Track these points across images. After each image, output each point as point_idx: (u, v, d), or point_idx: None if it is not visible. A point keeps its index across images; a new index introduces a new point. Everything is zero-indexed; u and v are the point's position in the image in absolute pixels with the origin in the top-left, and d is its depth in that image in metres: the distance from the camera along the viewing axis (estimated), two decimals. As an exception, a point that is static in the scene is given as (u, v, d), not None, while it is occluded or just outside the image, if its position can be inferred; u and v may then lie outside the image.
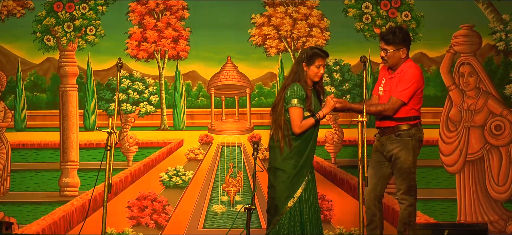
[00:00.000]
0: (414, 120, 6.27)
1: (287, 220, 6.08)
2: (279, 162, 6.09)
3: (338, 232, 7.74)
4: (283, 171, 6.08)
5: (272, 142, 6.18)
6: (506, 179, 7.81)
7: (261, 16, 7.96)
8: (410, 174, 6.23)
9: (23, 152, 7.92)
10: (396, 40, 6.26)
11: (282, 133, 6.09)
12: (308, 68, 6.16)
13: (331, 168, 7.84)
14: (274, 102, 6.26)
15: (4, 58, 7.99)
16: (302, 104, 6.10)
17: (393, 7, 7.93)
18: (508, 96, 7.88)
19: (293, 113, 6.09)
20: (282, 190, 6.07)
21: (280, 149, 6.09)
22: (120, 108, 7.90)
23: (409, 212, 6.27)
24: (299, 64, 6.19)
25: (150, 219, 7.79)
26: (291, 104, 6.08)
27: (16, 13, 7.97)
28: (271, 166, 6.18)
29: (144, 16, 7.96)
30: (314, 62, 6.17)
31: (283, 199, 6.08)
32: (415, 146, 6.26)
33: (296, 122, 6.08)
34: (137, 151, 7.92)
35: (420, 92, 6.30)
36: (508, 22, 7.90)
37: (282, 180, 6.08)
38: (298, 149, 6.11)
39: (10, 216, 7.81)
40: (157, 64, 7.96)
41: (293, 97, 6.08)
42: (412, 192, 6.26)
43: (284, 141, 6.07)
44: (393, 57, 6.30)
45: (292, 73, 6.23)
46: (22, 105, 7.91)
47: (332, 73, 7.89)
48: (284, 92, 6.14)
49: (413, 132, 6.24)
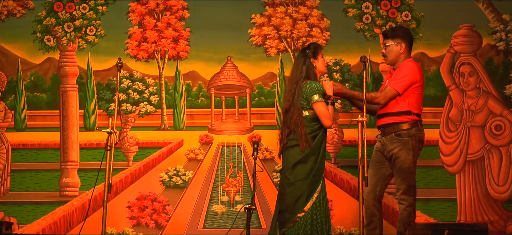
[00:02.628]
0: (412, 116, 6.25)
1: (309, 219, 6.05)
2: (300, 160, 6.07)
3: (338, 232, 7.74)
4: (304, 168, 6.06)
5: (291, 142, 6.12)
6: (506, 179, 7.81)
7: (261, 16, 7.96)
8: (410, 174, 6.22)
9: (23, 152, 7.92)
10: (395, 34, 6.36)
11: (303, 130, 6.09)
12: (317, 61, 6.24)
13: (331, 168, 7.84)
14: (286, 105, 6.20)
15: (4, 58, 7.99)
16: (324, 98, 6.12)
17: (393, 7, 7.93)
18: (508, 96, 7.88)
19: (320, 108, 6.08)
20: (304, 186, 6.03)
21: (300, 147, 6.07)
22: (120, 108, 7.90)
23: (409, 212, 6.26)
24: (305, 61, 6.21)
25: (150, 219, 7.80)
26: (314, 100, 6.08)
27: (16, 13, 7.97)
28: (290, 165, 6.10)
29: (144, 16, 7.96)
30: (319, 54, 6.27)
31: (305, 197, 6.05)
32: (415, 146, 6.26)
33: (326, 114, 6.08)
34: (137, 151, 7.92)
35: (418, 89, 6.29)
36: (508, 22, 7.90)
37: (304, 177, 6.04)
38: (316, 146, 6.11)
39: (10, 216, 7.81)
40: (157, 64, 7.96)
41: (314, 93, 6.09)
42: (411, 192, 6.26)
43: (305, 139, 6.06)
44: (391, 52, 6.36)
45: (299, 72, 6.22)
46: (22, 106, 7.92)
47: (332, 73, 7.89)
48: (298, 92, 6.13)
49: (413, 131, 6.24)
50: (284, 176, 6.16)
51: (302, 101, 6.11)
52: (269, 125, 7.89)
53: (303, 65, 6.22)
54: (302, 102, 6.11)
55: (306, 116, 6.12)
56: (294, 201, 6.06)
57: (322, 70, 6.31)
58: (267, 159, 7.89)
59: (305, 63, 6.21)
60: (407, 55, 6.36)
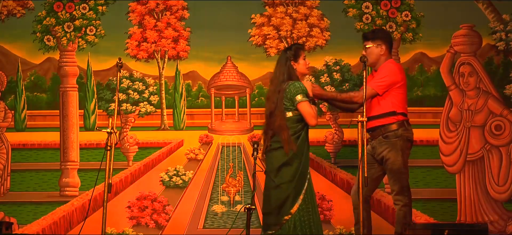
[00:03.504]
0: (397, 116, 6.28)
1: (298, 221, 6.05)
2: (285, 162, 6.08)
3: (338, 232, 7.74)
4: (289, 170, 6.06)
5: (275, 144, 6.13)
6: (506, 179, 7.81)
7: (261, 16, 7.96)
8: (401, 175, 6.25)
9: (24, 152, 7.92)
10: (376, 36, 6.47)
11: (287, 133, 6.09)
12: (298, 64, 6.27)
13: (331, 168, 7.84)
14: (269, 109, 6.22)
15: (4, 58, 7.99)
16: (307, 98, 6.14)
17: (393, 7, 7.93)
18: (508, 96, 7.88)
19: (304, 107, 6.10)
20: (290, 189, 6.05)
21: (284, 149, 6.08)
22: (120, 108, 7.90)
23: (404, 212, 6.29)
24: (286, 64, 6.25)
25: (150, 219, 7.80)
26: (299, 101, 6.10)
27: (16, 13, 7.97)
28: (275, 167, 6.11)
29: (144, 16, 7.96)
30: (300, 56, 6.29)
31: (291, 199, 6.06)
32: (403, 146, 6.29)
33: (312, 114, 6.11)
34: (137, 151, 7.92)
35: (401, 88, 6.34)
36: (508, 22, 7.90)
37: (289, 179, 6.06)
38: (300, 148, 6.12)
39: (10, 216, 7.81)
40: (157, 64, 7.96)
41: (298, 93, 6.11)
42: (405, 192, 6.29)
43: (289, 142, 6.07)
44: (372, 54, 6.44)
45: (281, 74, 6.25)
46: (22, 106, 7.92)
47: (332, 73, 7.89)
48: (281, 94, 6.14)
49: (400, 132, 6.29)
50: (269, 178, 6.16)
51: (286, 102, 6.12)
52: (269, 125, 7.88)
53: (284, 67, 6.25)
54: (285, 103, 6.12)
55: (290, 117, 6.14)
56: (280, 203, 6.06)
57: (303, 72, 6.34)
58: (267, 159, 7.88)
59: (286, 65, 6.24)
60: (387, 56, 6.44)
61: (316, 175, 7.84)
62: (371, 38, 6.47)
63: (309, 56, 7.88)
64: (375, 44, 6.44)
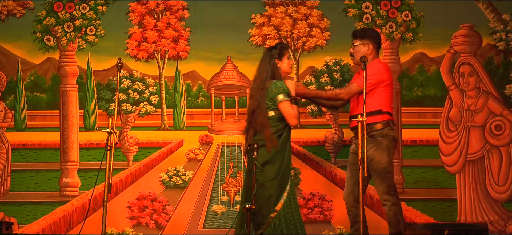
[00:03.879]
0: (383, 115, 6.29)
1: (283, 218, 6.09)
2: (268, 160, 6.11)
3: (338, 232, 7.73)
4: (272, 168, 6.10)
5: (258, 142, 6.15)
6: (506, 179, 7.81)
7: (261, 16, 7.96)
8: (387, 174, 6.25)
9: (24, 152, 7.92)
10: (364, 35, 6.51)
11: (269, 132, 6.12)
12: (282, 63, 6.32)
13: (331, 168, 7.84)
14: (252, 107, 6.27)
15: (4, 58, 7.99)
16: (289, 97, 6.18)
17: (393, 7, 7.93)
18: (508, 96, 7.88)
19: (285, 107, 6.15)
20: (274, 186, 6.08)
21: (267, 148, 6.10)
22: (120, 108, 7.90)
23: (394, 211, 6.30)
24: (270, 62, 6.28)
25: (150, 219, 7.80)
26: (280, 100, 6.16)
27: (16, 13, 7.97)
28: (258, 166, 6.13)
29: (144, 16, 7.96)
30: (284, 55, 6.35)
31: (275, 196, 6.09)
32: (389, 145, 6.31)
33: (292, 114, 6.17)
34: (137, 151, 7.92)
35: (387, 88, 6.37)
36: (508, 22, 7.90)
37: (273, 176, 6.10)
38: (282, 146, 6.17)
39: (10, 216, 7.81)
40: (157, 64, 7.96)
41: (279, 93, 6.16)
42: (391, 192, 6.30)
43: (272, 140, 6.09)
44: (359, 52, 6.46)
45: (264, 72, 6.28)
46: (22, 106, 7.91)
47: (332, 73, 7.89)
48: (263, 92, 6.17)
49: (386, 131, 6.30)
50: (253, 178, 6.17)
51: (268, 102, 6.16)
52: (269, 125, 7.88)
53: (268, 65, 6.28)
54: (267, 103, 6.16)
55: (272, 116, 6.19)
56: (266, 201, 6.10)
57: (287, 71, 6.39)
58: (267, 159, 7.88)
59: (270, 63, 6.27)
60: (374, 56, 6.46)
61: (316, 175, 7.85)
62: (360, 37, 6.50)
63: (309, 56, 7.89)
64: (363, 42, 6.47)
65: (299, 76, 7.92)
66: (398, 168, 7.82)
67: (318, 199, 7.78)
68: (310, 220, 7.76)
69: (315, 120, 7.93)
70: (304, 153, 7.88)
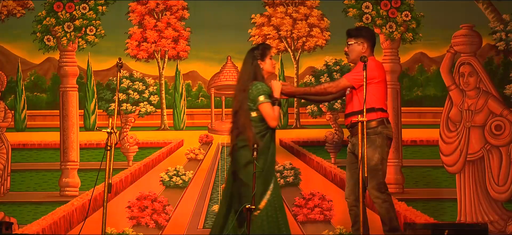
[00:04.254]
0: (377, 113, 6.29)
1: (265, 216, 6.11)
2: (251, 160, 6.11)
3: (338, 232, 7.73)
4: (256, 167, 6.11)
5: (241, 143, 6.19)
6: (506, 179, 7.81)
7: (261, 16, 7.96)
8: (377, 172, 6.25)
9: (24, 152, 7.92)
10: (359, 34, 6.50)
11: (251, 133, 6.14)
12: (264, 63, 6.34)
13: (331, 168, 7.84)
14: (235, 108, 6.31)
15: (4, 58, 7.99)
16: (270, 99, 6.22)
17: (393, 7, 7.93)
18: (508, 96, 7.88)
19: (265, 109, 6.19)
20: (257, 185, 6.10)
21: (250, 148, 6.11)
22: (120, 108, 7.90)
23: (386, 208, 6.30)
24: (253, 63, 6.31)
25: (150, 219, 7.79)
26: (260, 101, 6.20)
27: (16, 13, 7.97)
28: (241, 165, 6.18)
29: (144, 16, 7.96)
30: (267, 55, 6.37)
31: (258, 196, 6.12)
32: (383, 143, 6.30)
33: (271, 115, 6.20)
34: (137, 151, 7.92)
35: (379, 85, 6.35)
36: (508, 22, 7.90)
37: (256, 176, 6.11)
38: (265, 146, 6.20)
39: (10, 216, 7.81)
40: (157, 64, 7.96)
41: (259, 95, 6.20)
42: (382, 189, 6.31)
43: (254, 141, 6.11)
44: (353, 51, 6.49)
45: (246, 74, 6.32)
46: (22, 106, 7.91)
47: (332, 73, 7.89)
48: (245, 93, 6.20)
49: (380, 129, 6.31)
50: (236, 177, 6.24)
51: (250, 103, 6.20)
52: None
53: (250, 66, 6.31)
54: (249, 104, 6.20)
55: (255, 117, 6.23)
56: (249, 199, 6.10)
57: (270, 71, 6.42)
58: (267, 159, 7.88)
59: (252, 65, 6.29)
60: (369, 54, 6.45)
61: (316, 175, 7.85)
62: (354, 36, 6.51)
63: (309, 56, 7.89)
64: (358, 41, 6.47)
65: (299, 76, 7.92)
66: (398, 168, 7.82)
67: (318, 199, 7.78)
68: (310, 220, 7.76)
69: (315, 120, 7.93)
70: (304, 153, 7.88)
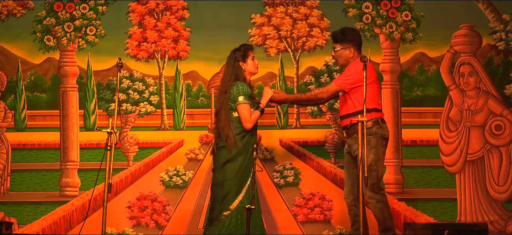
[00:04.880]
0: (371, 113, 6.28)
1: (234, 217, 6.13)
2: (229, 159, 6.17)
3: (338, 232, 7.73)
4: (233, 167, 6.17)
5: (221, 143, 6.25)
6: (506, 179, 7.81)
7: (261, 16, 7.96)
8: (371, 172, 6.23)
9: (23, 152, 7.92)
10: (344, 39, 6.47)
11: (231, 132, 6.18)
12: (246, 64, 6.38)
13: (331, 168, 7.84)
14: (217, 108, 6.39)
15: (4, 58, 7.99)
16: (249, 100, 6.27)
17: (393, 7, 7.93)
18: (508, 96, 7.88)
19: (243, 110, 6.24)
20: (232, 185, 6.15)
21: (228, 148, 6.18)
22: (120, 108, 7.90)
23: (380, 208, 6.30)
24: (234, 65, 6.36)
25: (150, 219, 7.79)
26: (239, 102, 6.24)
27: (16, 13, 7.97)
28: (220, 164, 6.23)
29: (144, 16, 7.96)
30: (248, 56, 6.40)
31: (232, 195, 6.16)
32: (377, 143, 6.30)
33: (247, 117, 6.24)
34: (137, 151, 7.92)
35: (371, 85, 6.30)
36: (508, 22, 7.90)
37: (232, 175, 6.19)
38: (245, 146, 6.24)
39: (10, 216, 7.81)
40: (157, 64, 7.96)
41: (239, 95, 6.25)
42: (375, 189, 6.31)
43: (233, 140, 6.13)
44: (341, 56, 6.50)
45: (228, 76, 6.38)
46: (22, 105, 7.91)
47: (332, 73, 7.89)
48: (227, 94, 6.26)
49: (375, 130, 6.31)
50: (214, 175, 6.32)
51: (230, 103, 6.25)
52: (269, 124, 7.89)
53: (231, 67, 6.38)
54: (230, 104, 6.25)
55: (236, 117, 6.29)
56: (221, 199, 6.17)
57: (252, 71, 6.45)
58: (267, 159, 7.89)
59: (233, 66, 6.35)
60: (356, 56, 6.45)
61: (316, 175, 7.84)
62: (340, 41, 6.49)
63: (309, 56, 7.89)
64: (344, 46, 6.47)
65: (299, 76, 7.92)
66: (398, 168, 7.82)
67: (318, 199, 7.78)
68: (310, 220, 7.76)
69: (315, 120, 7.93)
70: (304, 153, 7.88)
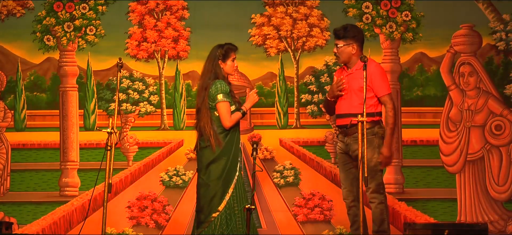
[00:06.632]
0: (377, 116, 6.28)
1: (224, 219, 6.09)
2: (213, 160, 6.12)
3: (338, 232, 7.73)
4: (217, 168, 6.11)
5: (203, 143, 6.17)
6: (506, 179, 7.81)
7: (261, 16, 7.96)
8: (377, 172, 6.22)
9: (23, 152, 7.92)
10: (347, 35, 6.34)
11: (212, 131, 6.13)
12: (225, 64, 6.27)
13: (331, 168, 7.84)
14: (197, 106, 6.28)
15: (4, 58, 7.99)
16: (228, 98, 6.18)
17: (393, 7, 7.93)
18: (508, 96, 7.88)
19: (222, 108, 6.15)
20: (217, 186, 6.09)
21: (211, 147, 6.11)
22: (120, 108, 7.90)
23: (381, 209, 6.27)
24: (214, 62, 6.26)
25: (150, 219, 7.79)
26: (218, 100, 6.15)
27: (16, 13, 7.97)
28: (204, 165, 6.15)
29: (144, 16, 7.96)
30: (229, 57, 6.28)
31: (218, 197, 6.10)
32: (379, 143, 6.27)
33: (226, 116, 6.15)
34: (137, 151, 7.92)
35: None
36: (508, 22, 7.90)
37: (217, 176, 6.11)
38: (228, 145, 6.16)
39: (10, 216, 7.81)
40: (157, 64, 7.96)
41: (218, 93, 6.15)
42: (380, 190, 6.27)
43: (215, 139, 6.10)
44: (343, 53, 6.36)
45: (208, 72, 6.26)
46: (22, 105, 7.91)
47: (332, 73, 7.89)
48: (206, 92, 6.17)
49: (376, 129, 6.27)
50: (199, 176, 6.23)
51: (210, 102, 6.17)
52: (269, 124, 7.89)
53: (211, 65, 6.28)
54: (210, 103, 6.17)
55: (218, 116, 6.19)
56: (208, 201, 6.12)
57: (229, 73, 6.32)
58: (267, 159, 7.89)
59: (213, 63, 6.27)
60: (359, 55, 6.35)
61: (316, 175, 7.85)
62: (343, 37, 6.35)
63: (309, 56, 7.89)
64: (347, 43, 6.34)
65: (299, 76, 7.92)
66: (398, 168, 7.82)
67: (318, 199, 7.78)
68: (310, 220, 7.76)
69: (315, 120, 7.93)
70: (304, 153, 7.88)
